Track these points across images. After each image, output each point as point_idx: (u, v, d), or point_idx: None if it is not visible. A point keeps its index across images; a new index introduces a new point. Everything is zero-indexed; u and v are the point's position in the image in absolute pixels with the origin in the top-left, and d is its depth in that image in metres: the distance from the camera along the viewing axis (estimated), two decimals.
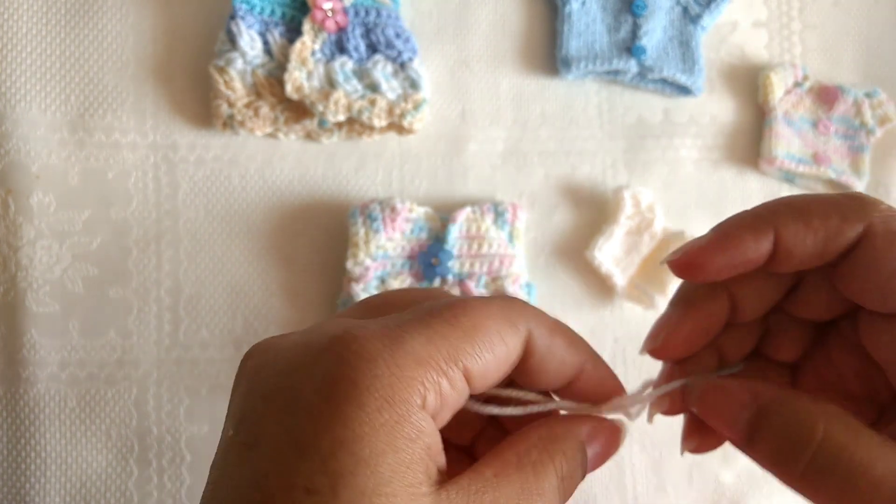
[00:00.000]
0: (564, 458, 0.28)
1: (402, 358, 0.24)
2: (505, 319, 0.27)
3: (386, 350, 0.24)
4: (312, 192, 0.60)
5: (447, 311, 0.26)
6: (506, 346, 0.27)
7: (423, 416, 0.24)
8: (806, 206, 0.28)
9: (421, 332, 0.25)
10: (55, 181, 0.57)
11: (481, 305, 0.27)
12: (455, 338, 0.25)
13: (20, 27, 0.58)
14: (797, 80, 0.64)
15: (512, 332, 0.27)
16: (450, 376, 0.25)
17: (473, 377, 0.26)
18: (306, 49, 0.56)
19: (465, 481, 0.25)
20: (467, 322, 0.26)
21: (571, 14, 0.61)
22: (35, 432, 0.56)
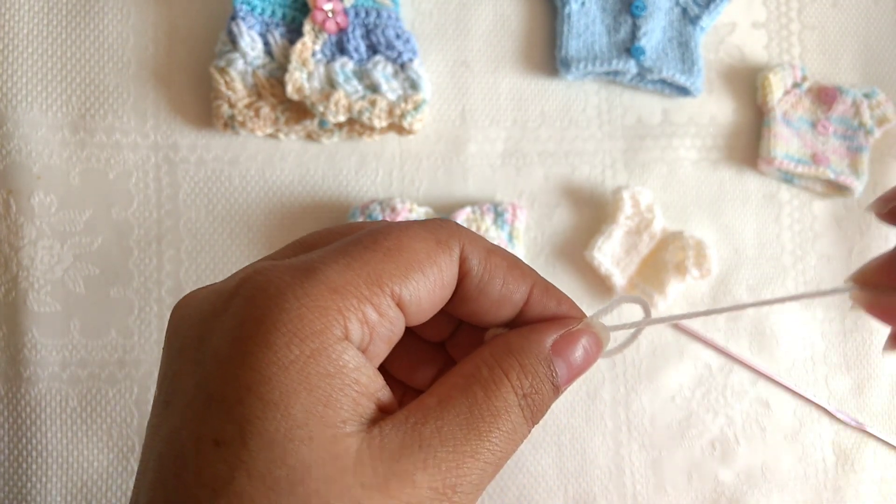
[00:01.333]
0: (523, 372, 0.25)
1: (313, 287, 0.22)
2: (432, 238, 0.24)
3: (295, 282, 0.22)
4: (313, 193, 0.60)
5: (366, 237, 0.24)
6: (436, 266, 0.24)
7: (344, 347, 0.22)
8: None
9: (337, 259, 0.23)
10: (56, 181, 0.57)
11: (404, 226, 0.24)
12: (376, 261, 0.23)
13: (21, 28, 0.58)
14: (796, 81, 0.64)
15: (441, 250, 0.24)
16: (374, 302, 0.23)
17: (406, 302, 0.24)
18: (307, 50, 0.56)
19: (403, 414, 0.23)
20: (389, 243, 0.24)
21: (571, 15, 0.61)
22: (36, 431, 0.56)
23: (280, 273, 0.23)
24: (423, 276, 0.24)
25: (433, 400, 0.23)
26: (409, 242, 0.24)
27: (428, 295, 0.24)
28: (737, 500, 0.62)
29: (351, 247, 0.24)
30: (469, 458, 0.23)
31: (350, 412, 0.22)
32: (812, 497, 0.63)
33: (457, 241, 0.25)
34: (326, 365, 0.22)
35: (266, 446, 0.21)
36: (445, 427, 0.23)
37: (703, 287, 0.63)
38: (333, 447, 0.21)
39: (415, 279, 0.24)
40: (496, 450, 0.24)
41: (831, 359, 0.64)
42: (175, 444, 0.22)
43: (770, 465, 0.63)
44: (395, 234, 0.24)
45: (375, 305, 0.23)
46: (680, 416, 0.62)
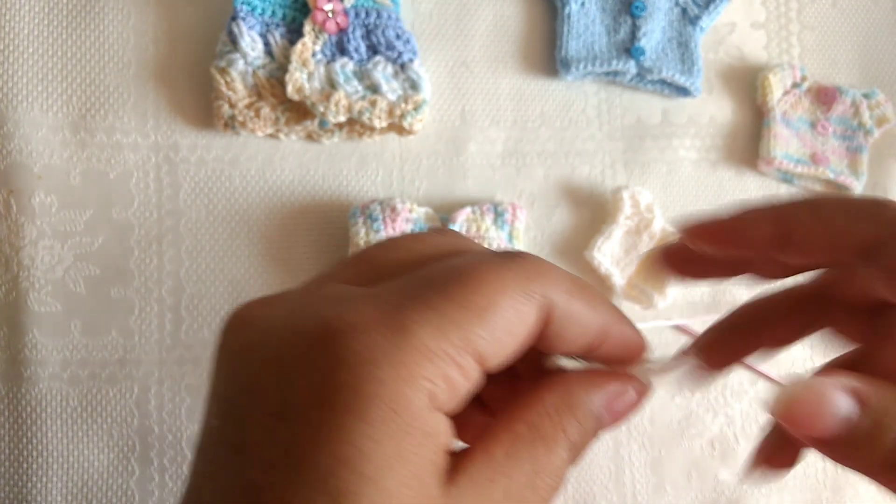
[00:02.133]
0: (578, 428, 0.25)
1: (410, 355, 0.22)
2: (521, 290, 0.24)
3: (390, 347, 0.21)
4: (313, 193, 0.60)
5: (457, 288, 0.23)
6: (523, 322, 0.24)
7: (432, 416, 0.22)
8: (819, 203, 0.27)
9: (429, 318, 0.22)
10: (57, 181, 0.57)
11: (496, 277, 0.23)
12: (468, 322, 0.22)
13: (22, 28, 0.58)
14: (795, 81, 0.64)
15: (529, 303, 0.24)
16: (463, 366, 0.23)
17: (487, 360, 0.23)
18: (307, 50, 0.57)
19: (475, 469, 0.23)
20: (481, 301, 0.23)
21: (571, 15, 0.61)
22: (37, 431, 0.56)
23: (371, 331, 0.22)
24: (511, 335, 0.24)
25: (501, 451, 0.24)
26: (500, 300, 0.23)
27: (510, 350, 0.24)
28: (737, 499, 0.62)
29: (442, 301, 0.23)
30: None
31: (434, 476, 0.22)
32: (812, 497, 0.63)
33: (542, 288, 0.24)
34: (418, 436, 0.22)
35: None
36: (514, 487, 0.23)
37: (702, 287, 0.63)
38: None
39: (502, 340, 0.23)
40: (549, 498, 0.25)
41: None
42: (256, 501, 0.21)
43: None
44: (486, 289, 0.23)
45: (463, 369, 0.23)
46: (679, 416, 0.62)
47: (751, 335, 0.31)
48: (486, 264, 0.24)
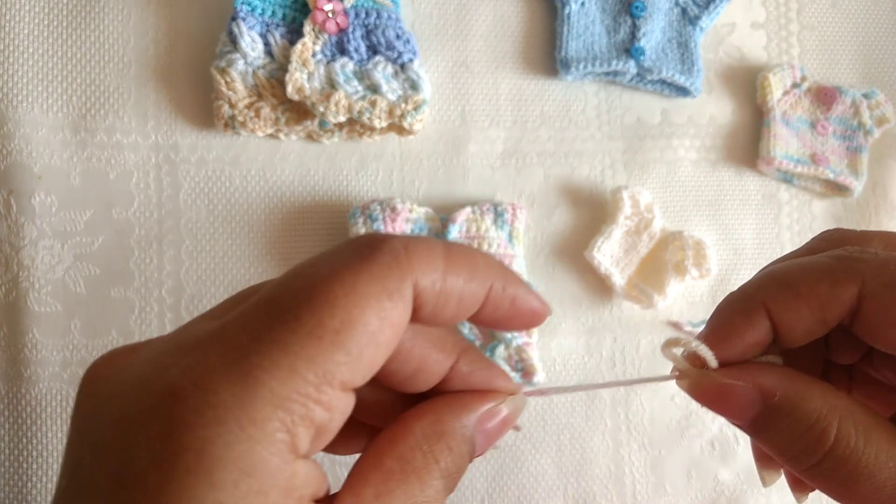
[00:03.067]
0: (450, 455, 0.24)
1: (259, 409, 0.19)
2: (384, 294, 0.21)
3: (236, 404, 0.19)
4: (313, 193, 0.60)
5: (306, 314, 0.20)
6: (389, 326, 0.21)
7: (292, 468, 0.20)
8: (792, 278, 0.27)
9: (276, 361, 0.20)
10: (57, 181, 0.57)
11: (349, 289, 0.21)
12: (322, 354, 0.20)
13: (22, 28, 0.58)
14: (795, 81, 0.64)
15: (395, 304, 0.21)
16: (324, 402, 0.20)
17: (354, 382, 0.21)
18: (307, 50, 0.57)
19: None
20: (334, 323, 0.20)
21: (571, 15, 0.61)
22: (37, 431, 0.56)
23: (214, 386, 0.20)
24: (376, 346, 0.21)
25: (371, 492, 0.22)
26: (359, 315, 0.21)
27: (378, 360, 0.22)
28: (736, 499, 0.62)
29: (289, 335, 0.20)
30: None
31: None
32: (812, 497, 0.63)
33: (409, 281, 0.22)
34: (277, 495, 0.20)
35: None
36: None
37: (702, 287, 0.63)
38: None
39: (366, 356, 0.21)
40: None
41: None
42: None
43: None
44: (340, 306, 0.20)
45: (324, 405, 0.21)
46: (679, 416, 0.62)
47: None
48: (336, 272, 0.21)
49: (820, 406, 0.26)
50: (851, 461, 0.25)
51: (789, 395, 0.26)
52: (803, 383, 0.26)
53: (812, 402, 0.26)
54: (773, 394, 0.26)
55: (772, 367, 0.28)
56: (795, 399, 0.26)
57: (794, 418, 0.26)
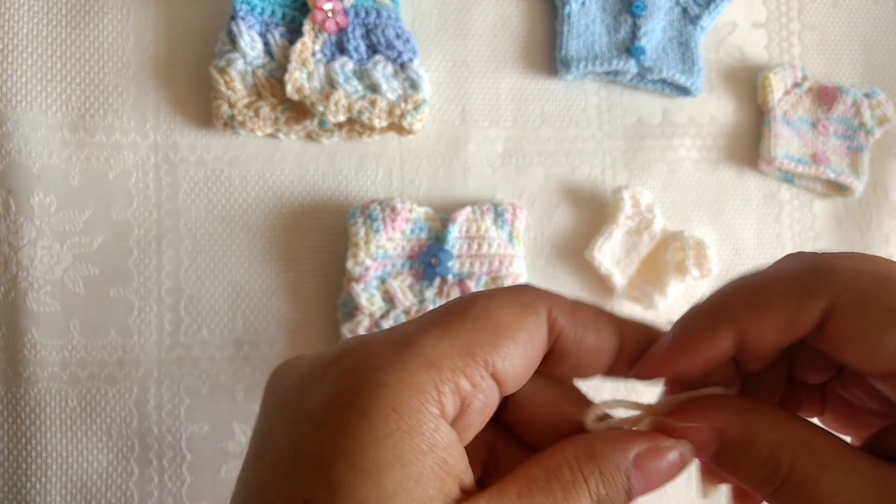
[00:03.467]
0: (602, 481, 0.25)
1: (411, 361, 0.23)
2: (519, 305, 0.25)
3: (393, 355, 0.23)
4: (313, 193, 0.60)
5: (455, 308, 0.25)
6: (525, 330, 0.25)
7: (438, 424, 0.23)
8: (762, 294, 0.27)
9: (430, 331, 0.24)
10: (56, 181, 0.57)
11: (491, 295, 0.25)
12: (466, 331, 0.24)
13: (21, 28, 0.58)
14: (796, 81, 0.64)
15: (530, 315, 0.25)
16: (468, 373, 0.23)
17: (500, 372, 0.24)
18: (307, 50, 0.56)
19: (484, 500, 0.23)
20: (479, 313, 0.24)
21: (571, 15, 0.61)
22: (36, 432, 0.56)
23: (380, 346, 0.24)
24: (513, 341, 0.24)
25: (514, 490, 0.24)
26: (495, 309, 0.25)
27: (521, 360, 0.25)
28: None
29: (440, 317, 0.24)
30: None
31: (437, 491, 0.22)
32: None
33: (542, 303, 0.26)
34: (420, 442, 0.22)
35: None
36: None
37: (703, 287, 0.63)
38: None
39: (505, 346, 0.24)
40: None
41: None
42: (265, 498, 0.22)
43: None
44: (480, 302, 0.25)
45: (469, 377, 0.24)
46: None
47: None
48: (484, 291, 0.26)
49: (773, 438, 0.26)
50: (805, 489, 0.25)
51: (742, 431, 0.26)
52: (755, 416, 0.27)
53: (764, 436, 0.26)
54: (727, 431, 0.26)
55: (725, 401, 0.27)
56: (749, 434, 0.26)
57: (748, 453, 0.26)
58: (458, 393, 0.23)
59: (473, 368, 0.24)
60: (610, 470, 0.25)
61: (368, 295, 0.56)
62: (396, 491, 0.21)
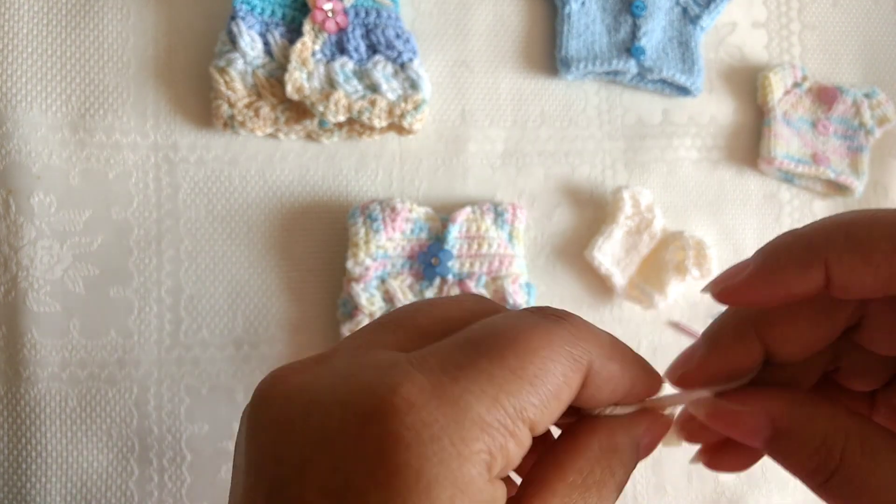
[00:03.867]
0: (623, 469, 0.26)
1: (468, 430, 0.21)
2: (569, 357, 0.24)
3: (449, 423, 0.21)
4: (313, 193, 0.60)
5: (508, 354, 0.23)
6: (569, 387, 0.24)
7: (490, 488, 0.22)
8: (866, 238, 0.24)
9: (483, 389, 0.22)
10: (56, 181, 0.57)
11: (546, 343, 0.23)
12: (521, 392, 0.22)
13: (21, 28, 0.58)
14: (796, 81, 0.64)
15: (577, 372, 0.24)
16: (517, 436, 0.23)
17: (537, 426, 0.24)
18: (307, 49, 0.56)
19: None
20: (534, 369, 0.23)
21: (571, 15, 0.61)
22: (36, 432, 0.56)
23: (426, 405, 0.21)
24: (559, 401, 0.24)
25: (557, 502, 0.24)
26: (552, 368, 0.23)
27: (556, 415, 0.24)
28: (737, 500, 0.62)
29: (495, 369, 0.22)
30: None
31: None
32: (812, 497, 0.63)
33: (587, 354, 0.25)
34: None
35: None
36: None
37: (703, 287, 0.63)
38: None
39: (551, 406, 0.24)
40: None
41: None
42: None
43: (770, 464, 0.62)
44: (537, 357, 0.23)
45: (517, 439, 0.23)
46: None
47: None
48: (532, 327, 0.24)
49: (825, 428, 0.25)
50: (856, 482, 0.25)
51: (795, 419, 0.26)
52: (809, 405, 0.26)
53: (817, 425, 0.26)
54: (780, 417, 0.26)
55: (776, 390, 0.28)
56: (801, 422, 0.26)
57: (801, 440, 0.26)
58: (507, 455, 0.22)
59: (522, 430, 0.23)
60: (629, 456, 0.27)
61: (368, 295, 0.56)
62: None
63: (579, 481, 0.25)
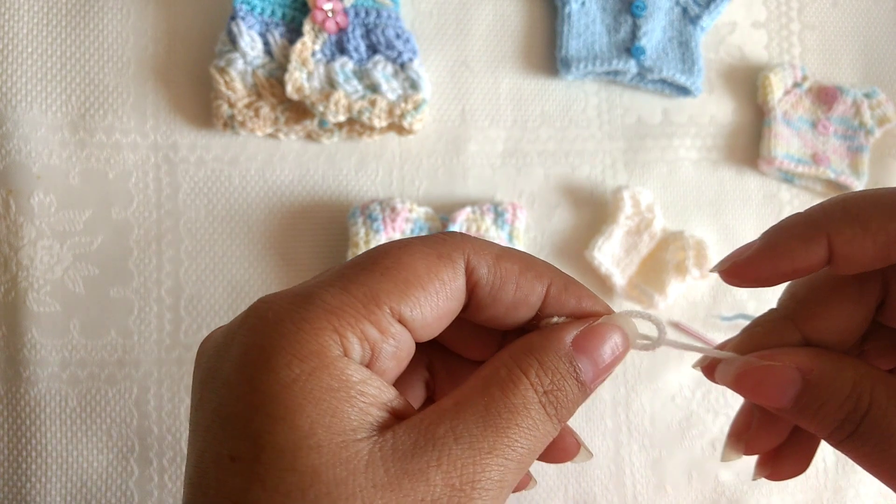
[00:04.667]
0: (542, 369, 0.25)
1: (309, 311, 0.23)
2: (433, 253, 0.25)
3: (293, 308, 0.24)
4: (313, 193, 0.60)
5: (365, 258, 0.25)
6: (438, 280, 0.25)
7: (345, 363, 0.23)
8: (863, 210, 0.26)
9: (333, 283, 0.24)
10: (56, 181, 0.57)
11: (404, 244, 0.25)
12: (373, 281, 0.24)
13: (21, 28, 0.58)
14: (796, 81, 0.64)
15: (443, 264, 0.25)
16: (372, 320, 0.24)
17: (408, 318, 0.24)
18: (307, 50, 0.56)
19: (417, 418, 0.23)
20: (387, 262, 0.24)
21: (571, 15, 0.61)
22: (36, 432, 0.56)
23: (279, 301, 0.24)
24: (424, 290, 0.24)
25: (449, 402, 0.24)
26: (408, 260, 0.25)
27: (432, 310, 0.25)
28: (737, 500, 0.62)
29: (348, 269, 0.25)
30: (486, 455, 0.23)
31: (359, 421, 0.23)
32: (812, 497, 0.63)
33: (460, 252, 0.25)
34: (328, 380, 0.23)
35: (276, 457, 0.22)
36: (461, 426, 0.23)
37: (703, 287, 0.63)
38: (342, 452, 0.22)
39: (414, 295, 0.24)
40: (516, 446, 0.24)
41: None
42: (200, 464, 0.23)
43: None
44: (393, 252, 0.25)
45: (374, 322, 0.24)
46: (680, 416, 0.62)
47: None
48: (398, 240, 0.26)
49: (854, 376, 0.26)
50: (883, 425, 0.25)
51: (826, 370, 0.26)
52: (836, 357, 0.27)
53: (846, 373, 0.26)
54: (810, 370, 0.26)
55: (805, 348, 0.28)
56: (831, 372, 0.26)
57: (831, 390, 0.26)
58: (366, 339, 0.24)
59: (379, 315, 0.24)
60: (549, 357, 0.25)
61: None
62: (313, 428, 0.22)
63: (479, 384, 0.24)
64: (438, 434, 0.23)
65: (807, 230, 0.27)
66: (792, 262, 0.27)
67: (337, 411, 0.22)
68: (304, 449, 0.22)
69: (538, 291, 0.26)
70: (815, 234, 0.26)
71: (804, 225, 0.27)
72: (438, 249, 0.25)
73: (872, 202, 0.26)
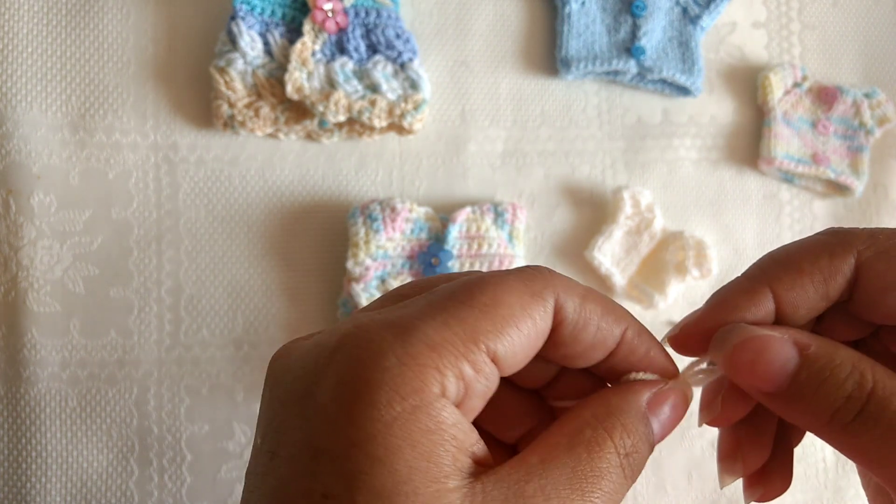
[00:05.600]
0: (625, 432, 0.25)
1: (413, 346, 0.23)
2: (527, 291, 0.25)
3: (396, 340, 0.23)
4: (313, 193, 0.60)
5: (461, 291, 0.25)
6: (531, 320, 0.25)
7: (442, 404, 0.23)
8: (792, 257, 0.27)
9: (434, 316, 0.24)
10: (56, 181, 0.57)
11: (499, 280, 0.25)
12: (472, 318, 0.24)
13: (21, 28, 0.58)
14: (796, 81, 0.64)
15: (536, 303, 0.25)
16: (471, 359, 0.23)
17: (500, 357, 0.24)
18: (307, 49, 0.56)
19: (504, 471, 0.23)
20: (485, 299, 0.24)
21: (571, 15, 0.61)
22: (36, 432, 0.56)
23: (380, 330, 0.24)
24: (518, 330, 0.24)
25: (535, 458, 0.24)
26: (504, 297, 0.24)
27: (522, 348, 0.25)
28: (737, 500, 0.62)
29: (448, 302, 0.24)
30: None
31: (451, 467, 0.23)
32: (812, 497, 0.63)
33: (551, 291, 0.25)
34: (427, 421, 0.22)
35: (372, 500, 0.21)
36: (549, 486, 0.23)
37: (703, 287, 0.63)
38: (437, 501, 0.22)
39: (510, 334, 0.24)
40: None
41: None
42: (283, 496, 0.23)
43: None
44: (490, 288, 0.25)
45: (472, 362, 0.24)
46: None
47: None
48: (493, 273, 0.25)
49: (852, 354, 0.26)
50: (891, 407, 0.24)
51: (823, 347, 0.26)
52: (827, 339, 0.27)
53: (844, 352, 0.26)
54: (807, 345, 0.26)
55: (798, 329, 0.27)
56: (829, 347, 0.26)
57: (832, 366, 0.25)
58: (462, 378, 0.23)
59: (476, 354, 0.24)
60: (631, 420, 0.26)
61: (368, 295, 0.56)
62: (410, 474, 0.22)
63: (564, 442, 0.24)
64: (528, 492, 0.23)
65: (750, 284, 0.28)
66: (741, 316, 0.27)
67: (432, 456, 0.22)
68: (401, 495, 0.21)
69: (615, 335, 0.27)
70: (757, 287, 0.27)
71: (747, 280, 0.28)
72: (531, 287, 0.25)
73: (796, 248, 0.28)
